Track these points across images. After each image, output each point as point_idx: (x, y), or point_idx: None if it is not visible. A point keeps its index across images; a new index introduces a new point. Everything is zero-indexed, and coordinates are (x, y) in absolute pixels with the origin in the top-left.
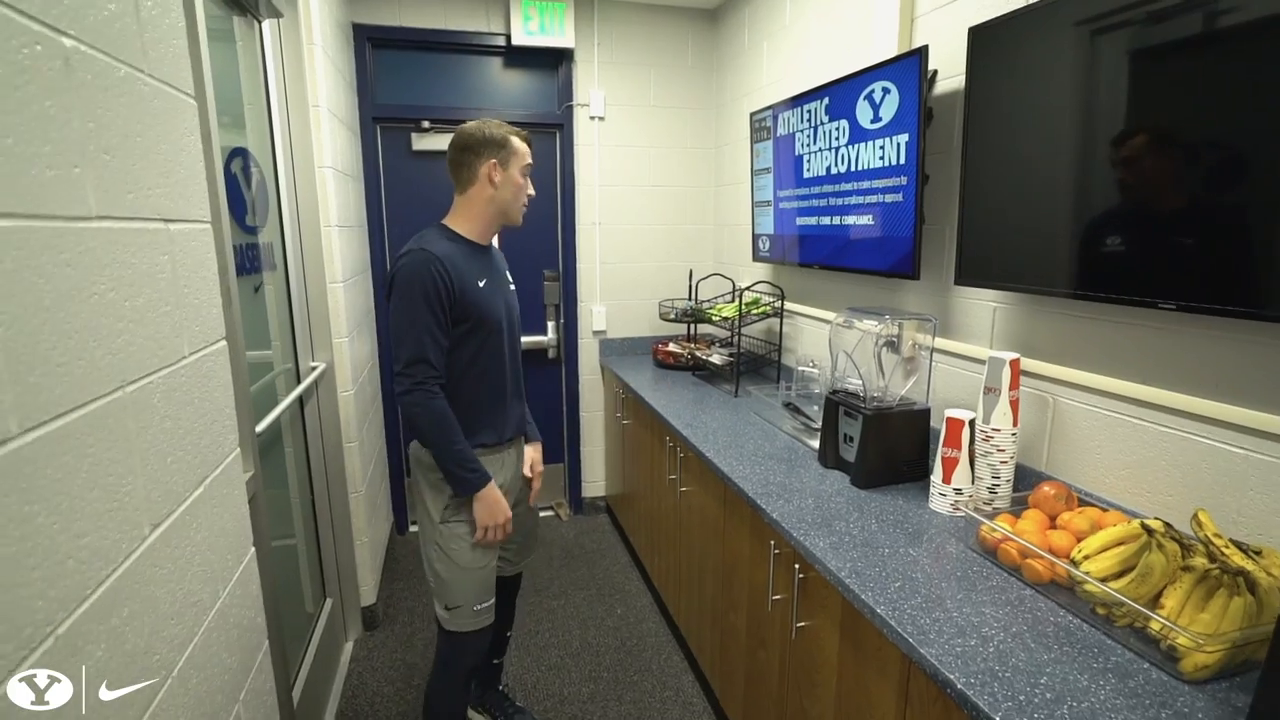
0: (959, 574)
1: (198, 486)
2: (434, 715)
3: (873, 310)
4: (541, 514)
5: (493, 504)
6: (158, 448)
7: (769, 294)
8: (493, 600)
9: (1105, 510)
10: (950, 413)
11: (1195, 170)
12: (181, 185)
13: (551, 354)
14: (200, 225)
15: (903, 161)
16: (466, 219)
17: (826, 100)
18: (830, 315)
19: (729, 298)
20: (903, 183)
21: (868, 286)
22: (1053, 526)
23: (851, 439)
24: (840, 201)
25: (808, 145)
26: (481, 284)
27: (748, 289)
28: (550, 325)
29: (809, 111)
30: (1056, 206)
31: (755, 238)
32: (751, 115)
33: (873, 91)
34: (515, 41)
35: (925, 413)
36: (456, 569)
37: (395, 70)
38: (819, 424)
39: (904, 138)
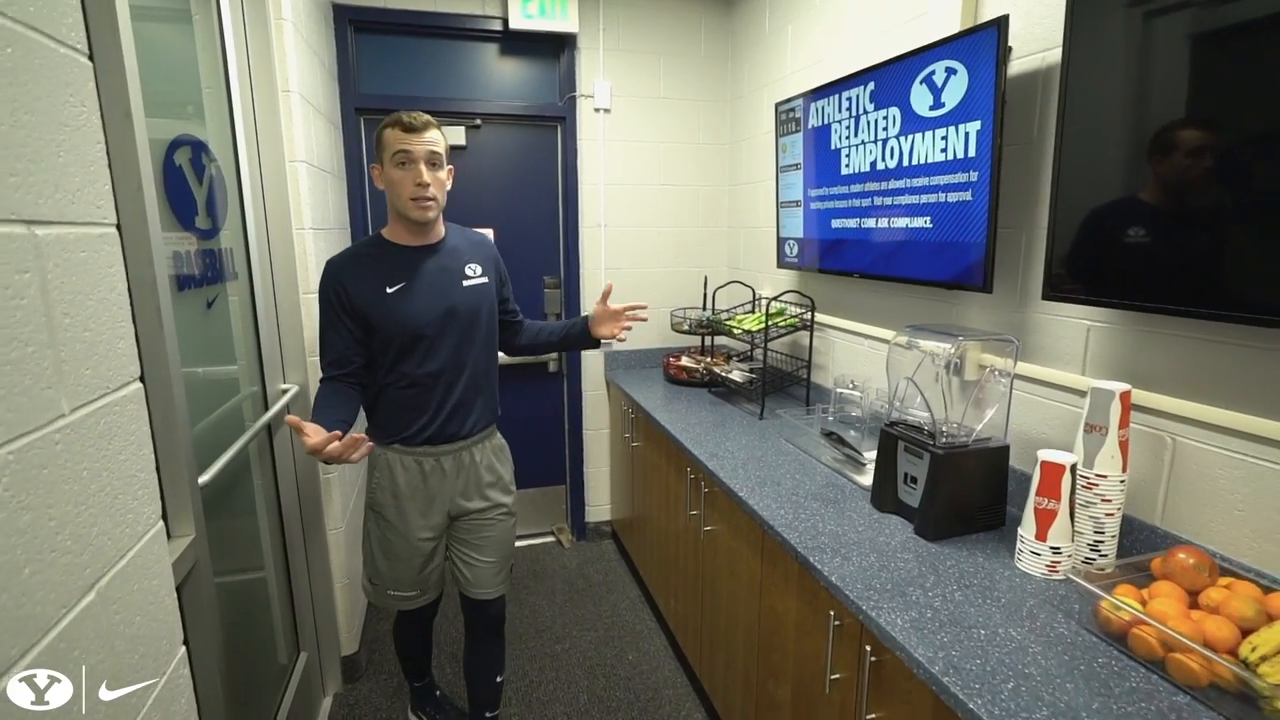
0: (1083, 667)
1: (85, 594)
2: (399, 648)
3: (939, 329)
4: (541, 540)
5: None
6: (3, 562)
7: (796, 305)
8: (415, 594)
9: (1268, 591)
10: (1046, 455)
11: None
12: (62, 174)
13: (552, 368)
14: (99, 229)
15: (972, 154)
16: (390, 225)
17: (872, 85)
18: (872, 330)
19: (748, 307)
20: (971, 179)
21: (920, 299)
22: (1194, 605)
23: (915, 480)
24: (888, 201)
25: (847, 138)
26: (391, 289)
27: (775, 299)
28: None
29: (849, 99)
30: (1190, 204)
31: (781, 242)
32: (777, 106)
33: (933, 73)
34: (513, 25)
35: (1003, 451)
36: (380, 553)
37: (380, 57)
38: (866, 457)
39: (974, 126)
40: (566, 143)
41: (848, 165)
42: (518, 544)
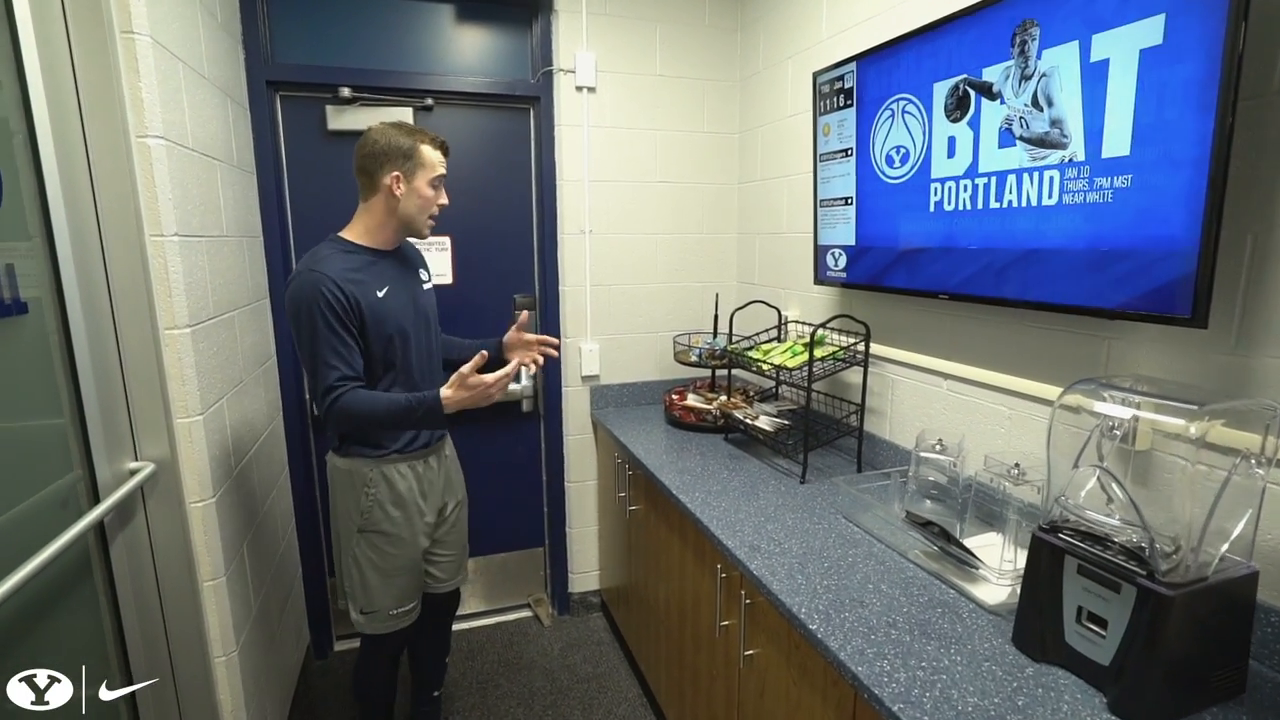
0: None
1: None
2: (363, 696)
3: (1146, 390)
4: (515, 615)
5: (465, 398)
6: None
7: (840, 331)
8: (415, 603)
9: None
10: None
11: None
12: None
13: (526, 407)
14: None
15: (1175, 113)
16: (365, 229)
17: (1018, 18)
18: (960, 370)
19: (769, 333)
20: (1175, 154)
21: (1049, 330)
22: None
23: (1102, 623)
24: (1008, 200)
25: (946, 106)
26: (381, 294)
27: (824, 325)
28: (524, 369)
29: (950, 51)
30: None
31: (820, 251)
32: (816, 77)
33: None
34: None
35: (1249, 582)
36: (377, 576)
37: (301, 18)
38: (983, 559)
39: (1189, 70)
40: (541, 129)
41: (935, 146)
42: (483, 623)
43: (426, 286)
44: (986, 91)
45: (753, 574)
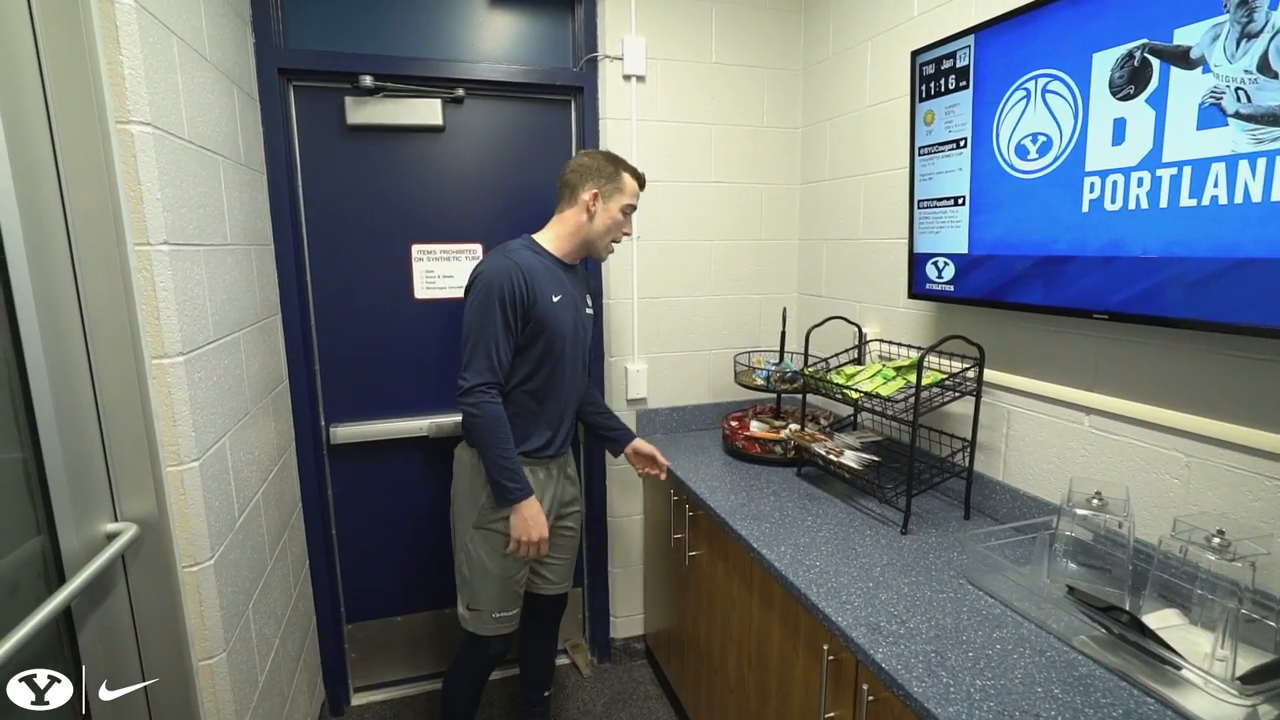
0: None
1: None
2: (448, 706)
3: None
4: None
5: (529, 519)
6: None
7: (941, 353)
8: (515, 611)
9: None
10: None
11: None
12: None
13: None
14: None
15: None
16: (555, 237)
17: None
18: (1114, 406)
19: (852, 353)
20: None
21: (1260, 360)
22: None
23: None
24: (1210, 196)
25: (1113, 81)
26: (556, 299)
27: (934, 349)
28: None
29: (1122, 8)
30: None
31: (918, 260)
32: (916, 56)
33: None
34: None
35: None
36: (482, 574)
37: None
38: (1187, 658)
39: None
40: (584, 123)
41: (1093, 131)
42: (516, 671)
43: (589, 312)
44: (1180, 59)
45: (881, 668)
